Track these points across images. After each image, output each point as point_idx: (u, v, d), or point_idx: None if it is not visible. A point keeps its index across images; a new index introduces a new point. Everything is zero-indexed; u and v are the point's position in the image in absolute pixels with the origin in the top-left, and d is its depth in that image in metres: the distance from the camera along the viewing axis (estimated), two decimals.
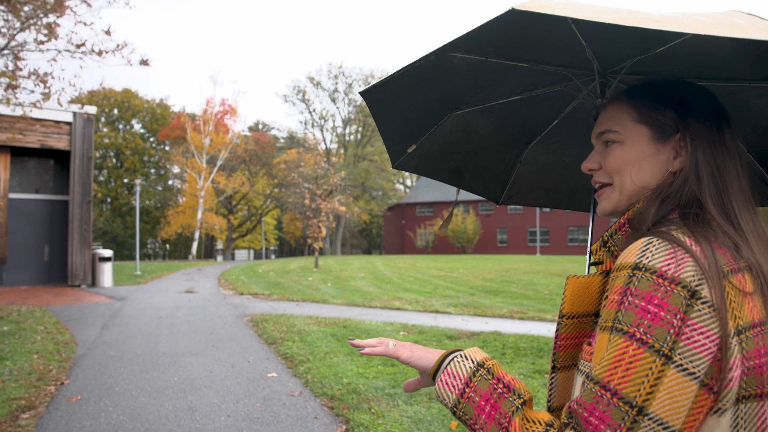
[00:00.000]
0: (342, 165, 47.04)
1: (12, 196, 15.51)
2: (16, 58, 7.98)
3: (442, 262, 27.46)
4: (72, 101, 14.06)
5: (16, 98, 8.57)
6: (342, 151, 58.43)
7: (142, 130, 61.78)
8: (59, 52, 8.67)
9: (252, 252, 65.47)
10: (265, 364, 6.08)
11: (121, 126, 60.70)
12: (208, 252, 58.72)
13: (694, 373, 0.70)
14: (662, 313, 0.71)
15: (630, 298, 0.74)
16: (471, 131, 1.48)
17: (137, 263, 22.64)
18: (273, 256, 61.64)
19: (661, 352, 0.70)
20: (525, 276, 18.03)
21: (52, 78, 9.01)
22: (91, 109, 15.75)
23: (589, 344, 0.89)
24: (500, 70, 1.18)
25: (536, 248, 47.97)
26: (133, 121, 61.27)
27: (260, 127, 63.65)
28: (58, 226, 16.30)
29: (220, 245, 60.94)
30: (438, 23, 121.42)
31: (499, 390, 0.83)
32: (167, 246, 64.84)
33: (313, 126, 58.30)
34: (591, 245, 1.01)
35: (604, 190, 0.98)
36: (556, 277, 17.17)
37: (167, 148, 56.20)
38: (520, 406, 0.81)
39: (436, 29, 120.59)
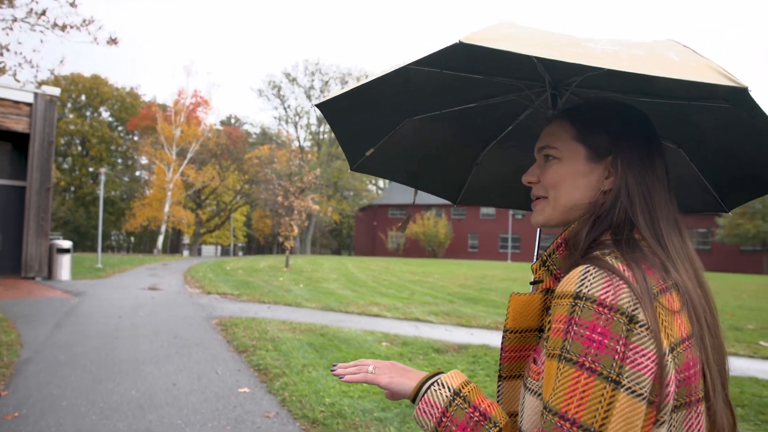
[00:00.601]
0: (316, 163, 46.25)
1: None
2: None
3: (415, 266, 26.99)
4: (43, 83, 13.13)
5: None
6: (316, 149, 57.59)
7: (110, 119, 59.97)
8: (15, 20, 7.85)
9: (219, 248, 64.09)
10: (235, 376, 5.46)
11: (88, 113, 58.80)
12: (174, 247, 57.21)
13: (641, 394, 0.75)
14: (606, 341, 0.76)
15: (575, 328, 0.78)
16: (427, 136, 1.52)
17: (99, 255, 21.59)
18: (240, 253, 60.36)
19: (609, 379, 0.75)
20: (502, 284, 17.66)
21: (7, 50, 8.17)
22: (54, 91, 14.80)
23: (534, 362, 0.93)
24: (455, 80, 1.22)
25: (507, 254, 47.94)
26: (101, 109, 59.46)
27: (233, 121, 62.43)
28: (12, 214, 15.27)
29: (186, 240, 59.44)
30: (418, 22, 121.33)
31: (476, 418, 0.87)
32: (132, 239, 63.03)
33: (287, 122, 57.34)
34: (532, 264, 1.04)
35: (538, 203, 1.03)
36: None
37: (136, 138, 54.61)
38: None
39: (415, 28, 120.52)
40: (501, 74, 1.23)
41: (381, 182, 65.84)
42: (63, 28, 8.61)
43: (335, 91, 1.48)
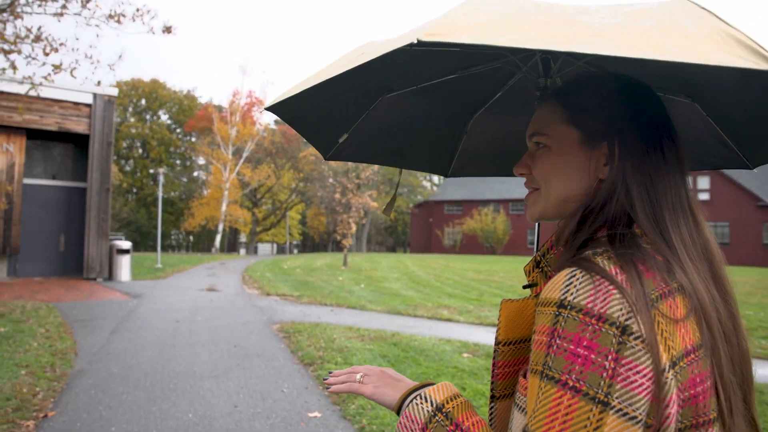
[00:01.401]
0: None
1: (27, 181, 14.52)
2: (15, 15, 6.79)
3: (476, 263, 26.03)
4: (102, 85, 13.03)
5: (15, 67, 7.38)
6: None
7: (168, 121, 61.37)
8: (63, 11, 7.45)
9: (275, 246, 64.61)
10: (303, 396, 4.80)
11: (148, 116, 60.35)
12: (231, 245, 57.99)
13: (635, 417, 0.63)
14: (593, 356, 0.64)
15: (558, 341, 0.67)
16: (406, 111, 1.37)
17: (158, 255, 21.66)
18: (295, 251, 60.58)
19: (597, 399, 0.63)
20: None
21: (63, 46, 7.82)
22: (112, 91, 14.69)
23: (524, 375, 0.82)
24: (430, 54, 1.10)
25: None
26: (160, 112, 60.92)
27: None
28: (75, 215, 15.29)
29: (243, 238, 60.13)
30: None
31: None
32: (190, 237, 64.30)
33: None
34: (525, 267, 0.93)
35: (531, 195, 0.91)
36: None
37: (193, 139, 55.59)
38: None
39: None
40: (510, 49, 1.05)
41: (435, 178, 64.83)
42: (118, 19, 8.20)
43: (285, 91, 1.05)
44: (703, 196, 44.49)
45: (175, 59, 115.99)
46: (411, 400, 0.86)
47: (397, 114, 1.36)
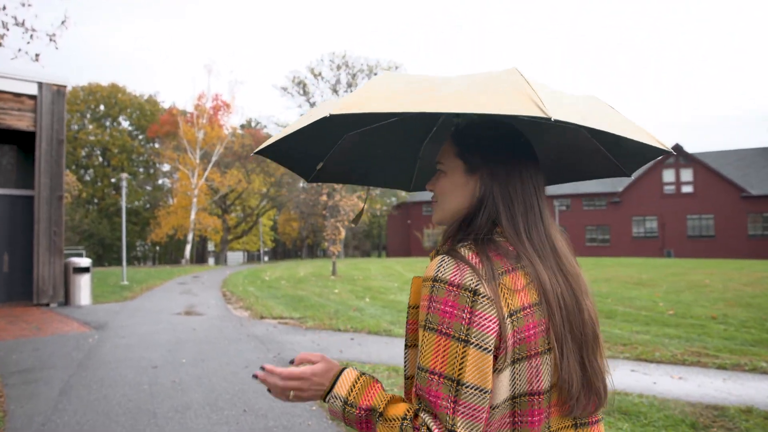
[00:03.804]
0: None
1: None
2: None
3: None
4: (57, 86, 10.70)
5: None
6: None
7: (129, 127, 58.14)
8: None
9: (245, 254, 61.82)
10: None
11: (107, 123, 57.05)
12: (199, 255, 55.05)
13: (486, 348, 0.96)
14: (456, 311, 0.97)
15: (434, 304, 0.99)
16: (368, 143, 1.63)
17: (124, 270, 19.22)
18: (266, 258, 57.78)
19: (460, 339, 0.96)
20: (595, 285, 14.81)
21: None
22: (61, 79, 12.34)
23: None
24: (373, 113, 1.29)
25: (596, 249, 44.92)
26: (120, 118, 57.67)
27: (253, 124, 60.07)
28: (21, 229, 12.85)
29: (211, 247, 57.23)
30: (442, 9, 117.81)
31: (363, 415, 1.05)
32: (157, 248, 61.01)
33: None
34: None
35: (433, 206, 1.25)
36: (641, 287, 13.97)
37: (156, 145, 52.57)
38: (378, 417, 1.03)
39: (440, 15, 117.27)
40: (387, 118, 1.51)
41: None
42: None
43: (266, 141, 1.41)
44: (687, 189, 43.69)
45: (134, 62, 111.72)
46: (328, 400, 1.11)
47: (360, 145, 1.63)
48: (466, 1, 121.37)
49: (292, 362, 1.19)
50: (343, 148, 1.63)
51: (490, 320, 0.95)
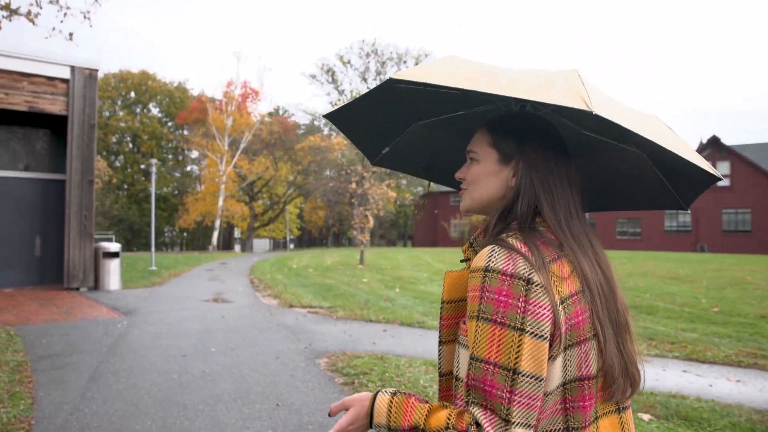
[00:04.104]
0: None
1: None
2: None
3: None
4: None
5: None
6: None
7: (159, 114, 58.65)
8: None
9: (271, 242, 62.05)
10: None
11: (138, 109, 57.63)
12: (226, 242, 55.46)
13: (542, 335, 0.96)
14: (510, 300, 0.97)
15: (487, 294, 0.99)
16: (433, 137, 1.66)
17: (152, 256, 19.30)
18: (291, 246, 57.89)
19: (516, 328, 0.95)
20: (631, 280, 14.34)
21: None
22: (93, 63, 12.29)
23: (464, 323, 1.11)
24: (439, 93, 1.34)
25: (628, 242, 44.11)
26: (150, 105, 58.18)
27: (281, 112, 60.08)
28: (53, 213, 12.92)
29: (237, 234, 57.53)
30: (442, 9, 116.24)
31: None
32: (185, 235, 61.67)
33: None
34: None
35: (462, 193, 1.26)
36: (680, 283, 13.46)
37: (185, 132, 52.95)
38: (422, 431, 1.03)
39: (440, 15, 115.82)
40: (465, 90, 1.25)
41: None
42: None
43: (339, 104, 1.50)
44: (723, 182, 42.45)
45: (164, 50, 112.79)
46: (375, 426, 1.11)
47: (426, 137, 1.67)
48: (466, 1, 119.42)
49: (330, 415, 1.22)
50: (410, 137, 1.66)
51: (545, 308, 0.97)
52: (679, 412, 4.10)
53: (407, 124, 1.61)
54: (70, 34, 7.64)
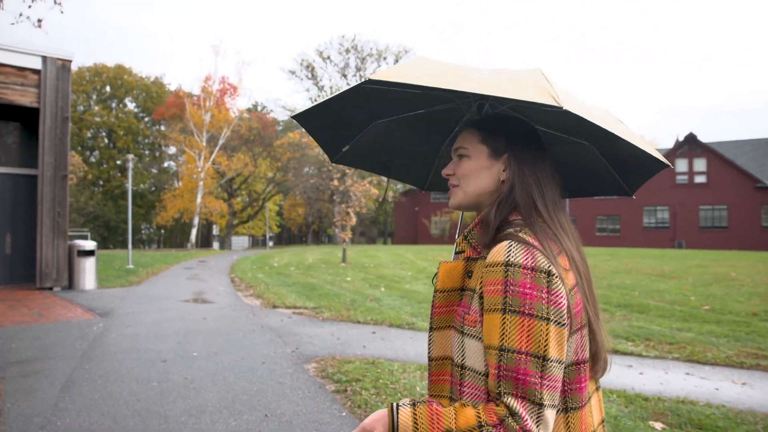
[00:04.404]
0: None
1: None
2: None
3: None
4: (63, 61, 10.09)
5: None
6: None
7: (135, 109, 57.51)
8: None
9: (250, 239, 61.31)
10: None
11: (113, 104, 56.45)
12: (204, 239, 54.63)
13: (563, 323, 1.03)
14: (535, 293, 1.02)
15: (512, 287, 1.03)
16: (393, 135, 1.71)
17: (129, 254, 18.77)
18: (271, 244, 57.21)
19: (543, 318, 1.01)
20: (616, 277, 14.27)
21: None
22: (66, 53, 11.79)
23: (468, 314, 1.14)
24: (404, 93, 1.45)
25: (606, 238, 44.32)
26: (126, 100, 57.04)
27: (259, 108, 59.34)
28: (24, 209, 12.40)
29: (216, 231, 56.71)
30: (442, 9, 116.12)
31: None
32: (162, 232, 60.63)
33: None
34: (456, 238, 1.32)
35: (453, 190, 1.30)
36: (666, 280, 13.42)
37: (162, 127, 52.00)
38: None
39: (440, 15, 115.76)
40: (436, 90, 1.41)
41: None
42: None
43: (306, 106, 1.46)
44: (700, 179, 42.88)
45: (140, 43, 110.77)
46: None
47: (385, 136, 1.70)
48: (466, 1, 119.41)
49: None
50: (369, 135, 1.68)
51: (563, 297, 1.03)
52: (691, 419, 3.91)
53: (368, 122, 1.65)
54: (39, 21, 7.21)
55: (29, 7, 6.94)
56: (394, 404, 1.11)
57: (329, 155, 1.77)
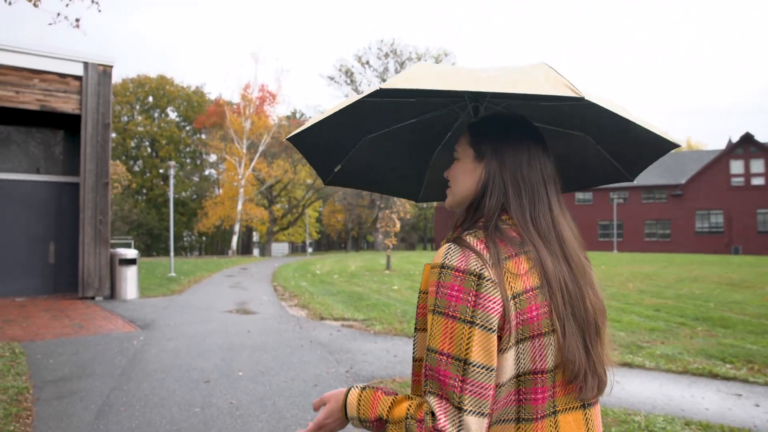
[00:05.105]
0: None
1: (1, 176, 11.50)
2: None
3: None
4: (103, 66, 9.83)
5: None
6: None
7: (177, 118, 58.41)
8: None
9: (290, 246, 61.38)
10: None
11: (156, 114, 57.46)
12: (245, 246, 54.94)
13: (491, 328, 0.99)
14: (461, 295, 1.00)
15: (441, 289, 1.03)
16: (384, 149, 1.67)
17: (171, 262, 18.61)
18: (311, 250, 57.20)
19: (466, 321, 0.99)
20: (683, 286, 13.28)
21: None
22: (107, 59, 11.59)
23: (422, 310, 1.19)
24: (396, 104, 1.45)
25: (612, 244, 42.81)
26: (168, 109, 58.00)
27: (298, 115, 59.56)
28: (68, 218, 12.24)
29: (256, 238, 56.98)
30: (442, 9, 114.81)
31: (376, 425, 1.09)
32: (203, 239, 61.31)
33: None
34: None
35: (447, 191, 1.31)
36: (739, 289, 12.38)
37: (203, 136, 52.60)
38: (386, 424, 1.06)
39: (440, 15, 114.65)
40: (431, 95, 1.43)
41: None
42: None
43: (300, 127, 1.41)
44: (758, 181, 40.87)
45: (181, 54, 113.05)
46: (351, 421, 1.15)
47: (376, 150, 1.66)
48: (466, 1, 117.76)
49: (314, 410, 1.24)
50: (361, 151, 1.65)
51: (494, 302, 1.00)
52: None
53: (359, 138, 1.61)
54: (77, 20, 6.88)
55: (66, 5, 6.61)
56: (352, 386, 1.18)
57: (322, 177, 1.75)
